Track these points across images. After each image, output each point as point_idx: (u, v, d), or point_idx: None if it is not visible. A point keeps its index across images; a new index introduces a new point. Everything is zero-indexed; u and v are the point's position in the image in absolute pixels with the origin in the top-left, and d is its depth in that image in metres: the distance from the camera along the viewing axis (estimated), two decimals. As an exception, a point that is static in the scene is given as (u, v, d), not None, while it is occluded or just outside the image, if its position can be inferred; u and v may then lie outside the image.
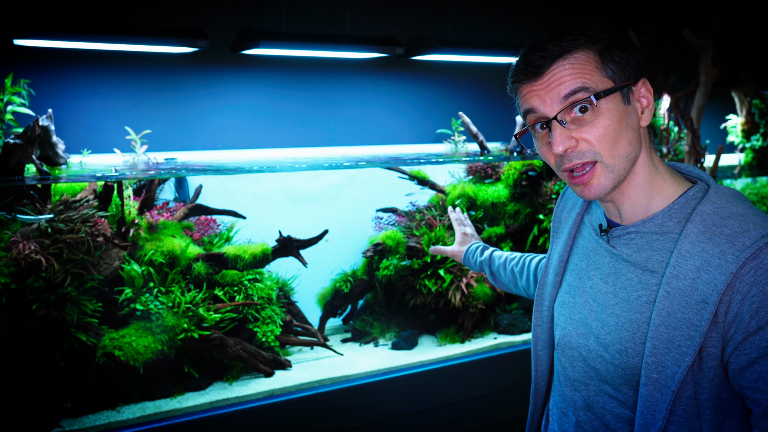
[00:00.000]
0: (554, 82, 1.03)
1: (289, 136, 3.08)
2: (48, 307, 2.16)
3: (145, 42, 2.40)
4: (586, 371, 1.16)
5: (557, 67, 1.03)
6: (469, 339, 2.97)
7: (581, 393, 1.18)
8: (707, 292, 0.99)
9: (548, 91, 1.03)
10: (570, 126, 1.04)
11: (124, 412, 2.27)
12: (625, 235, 1.13)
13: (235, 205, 2.81)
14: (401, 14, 3.22)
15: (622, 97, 1.05)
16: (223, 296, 2.54)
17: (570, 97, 1.02)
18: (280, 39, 2.64)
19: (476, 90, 3.52)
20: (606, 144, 1.04)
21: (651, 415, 1.04)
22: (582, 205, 1.27)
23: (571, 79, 1.02)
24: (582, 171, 1.06)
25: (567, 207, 1.33)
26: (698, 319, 1.00)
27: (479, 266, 1.72)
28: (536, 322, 1.32)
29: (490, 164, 3.27)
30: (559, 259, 1.27)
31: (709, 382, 1.02)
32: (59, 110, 2.55)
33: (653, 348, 1.03)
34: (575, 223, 1.27)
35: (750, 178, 4.21)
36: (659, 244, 1.08)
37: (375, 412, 2.59)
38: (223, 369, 2.55)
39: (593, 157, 1.05)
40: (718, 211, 1.04)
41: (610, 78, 1.04)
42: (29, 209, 2.20)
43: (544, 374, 1.33)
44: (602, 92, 1.02)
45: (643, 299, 1.07)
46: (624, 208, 1.12)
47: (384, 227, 3.13)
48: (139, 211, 2.53)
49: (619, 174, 1.06)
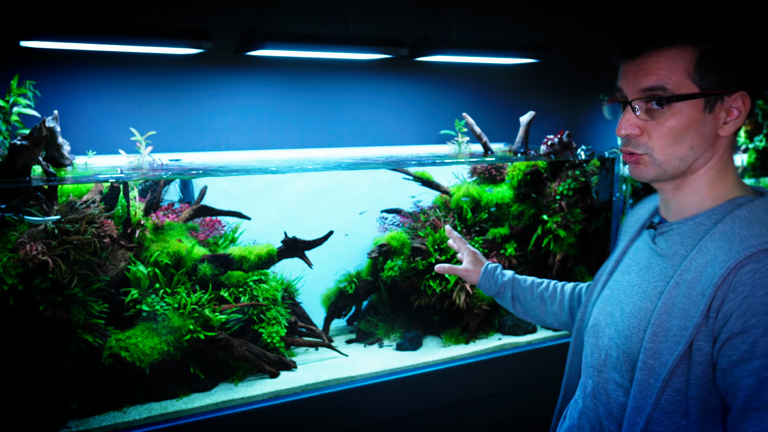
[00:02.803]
0: (642, 70, 1.09)
1: (293, 137, 3.09)
2: (54, 308, 2.17)
3: (150, 43, 2.40)
4: (602, 358, 1.21)
5: (652, 55, 1.08)
6: (473, 340, 2.98)
7: (593, 379, 1.23)
8: (706, 284, 1.03)
9: (635, 77, 1.10)
10: (641, 115, 1.09)
11: (130, 413, 2.27)
12: (667, 231, 1.17)
13: (240, 206, 2.81)
14: (405, 15, 3.23)
15: (704, 104, 1.07)
16: (228, 297, 2.54)
17: (647, 92, 1.08)
18: (285, 40, 2.64)
19: (480, 91, 3.52)
20: (662, 142, 1.09)
21: (642, 399, 1.08)
22: (647, 216, 1.32)
23: (656, 74, 1.07)
24: (632, 154, 1.13)
25: (635, 216, 1.38)
26: (694, 311, 1.03)
27: (499, 287, 1.61)
28: (580, 317, 1.38)
29: (494, 165, 3.27)
30: (614, 260, 1.33)
31: (697, 379, 1.04)
32: (64, 111, 2.55)
33: (653, 335, 1.07)
34: (638, 229, 1.32)
35: (753, 179, 4.21)
36: (690, 240, 1.12)
37: (380, 413, 2.59)
38: (228, 370, 2.55)
39: (645, 150, 1.11)
40: (750, 216, 1.06)
41: (697, 83, 1.06)
42: (36, 210, 2.21)
43: (579, 358, 1.39)
44: (677, 96, 1.06)
45: (657, 289, 1.12)
46: (673, 203, 1.17)
47: (388, 228, 3.13)
48: (145, 212, 2.53)
49: (667, 171, 1.11)
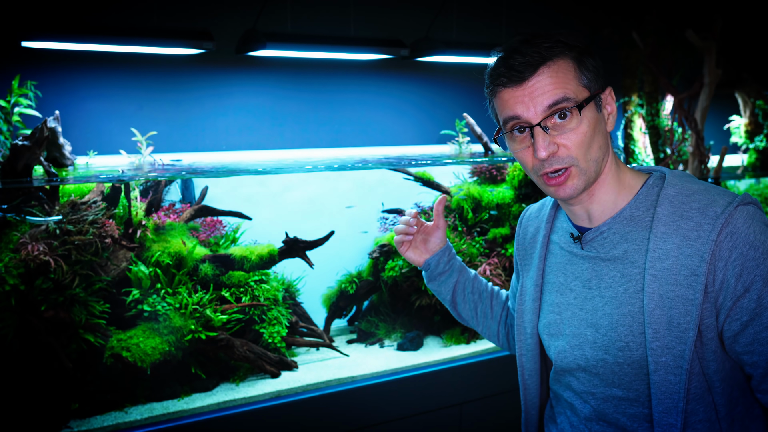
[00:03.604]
0: (538, 90, 1.06)
1: (294, 137, 3.09)
2: (56, 308, 2.17)
3: (151, 44, 2.40)
4: (590, 380, 1.16)
5: (540, 74, 1.06)
6: (474, 340, 2.98)
7: (590, 404, 1.18)
8: (694, 264, 1.03)
9: (532, 98, 1.07)
10: (551, 132, 1.07)
11: (131, 413, 2.27)
12: (598, 237, 1.15)
13: (241, 206, 2.81)
14: (405, 16, 3.23)
15: (596, 105, 1.10)
16: (229, 297, 2.55)
17: (554, 107, 1.06)
18: (286, 40, 2.64)
19: (480, 91, 3.50)
20: (582, 149, 1.08)
21: (669, 399, 1.05)
22: (545, 227, 1.28)
23: (553, 88, 1.06)
24: (557, 174, 1.09)
25: (529, 234, 1.33)
26: (692, 293, 1.03)
27: (449, 267, 1.43)
28: (521, 351, 1.31)
29: (494, 165, 3.28)
30: (533, 284, 1.27)
31: (713, 354, 1.04)
32: (65, 112, 2.55)
33: (654, 333, 1.05)
34: (543, 246, 1.28)
35: (753, 179, 4.22)
36: (633, 234, 1.11)
37: (381, 413, 2.60)
38: (229, 370, 2.55)
39: (570, 162, 1.09)
40: (681, 191, 1.09)
41: (586, 86, 1.08)
42: (38, 210, 2.21)
43: (534, 403, 1.32)
44: (584, 101, 1.07)
45: (630, 291, 1.09)
46: (593, 209, 1.15)
47: (389, 228, 3.14)
48: (146, 213, 2.54)
49: (590, 177, 1.10)
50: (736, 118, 4.09)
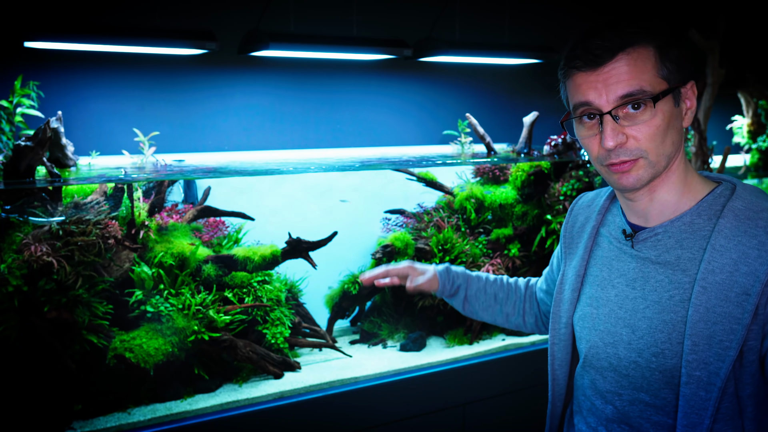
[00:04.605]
0: (613, 77, 1.02)
1: (296, 138, 3.08)
2: (59, 309, 2.17)
3: (153, 44, 2.40)
4: (618, 380, 1.14)
5: (617, 60, 1.02)
6: (477, 340, 2.97)
7: (614, 404, 1.15)
8: (748, 283, 0.99)
9: (606, 85, 1.02)
10: (622, 122, 1.03)
11: (134, 414, 2.27)
12: (652, 237, 1.11)
13: (244, 206, 2.81)
14: (408, 16, 3.22)
15: (674, 99, 1.05)
16: (232, 298, 2.54)
17: (627, 98, 1.02)
18: (289, 41, 2.64)
19: (483, 91, 3.52)
20: (654, 143, 1.04)
21: (696, 415, 1.02)
22: (596, 218, 1.25)
23: (629, 78, 1.01)
24: (623, 162, 1.06)
25: (579, 222, 1.30)
26: (740, 312, 0.99)
27: (455, 290, 1.48)
28: (553, 340, 1.29)
29: (497, 165, 3.27)
30: (575, 274, 1.25)
31: (751, 377, 1.01)
32: (68, 112, 2.55)
33: (693, 345, 1.01)
34: (591, 237, 1.24)
35: (756, 179, 4.21)
36: (689, 242, 1.07)
37: (384, 414, 2.59)
38: (232, 371, 2.55)
39: (639, 154, 1.05)
40: (749, 206, 1.04)
41: (665, 78, 1.03)
42: (41, 211, 2.20)
43: (561, 394, 1.30)
44: (661, 93, 1.02)
45: (676, 299, 1.06)
46: (652, 207, 1.11)
47: (392, 229, 3.13)
48: (149, 213, 2.53)
49: (658, 171, 1.06)
50: (739, 119, 4.08)
